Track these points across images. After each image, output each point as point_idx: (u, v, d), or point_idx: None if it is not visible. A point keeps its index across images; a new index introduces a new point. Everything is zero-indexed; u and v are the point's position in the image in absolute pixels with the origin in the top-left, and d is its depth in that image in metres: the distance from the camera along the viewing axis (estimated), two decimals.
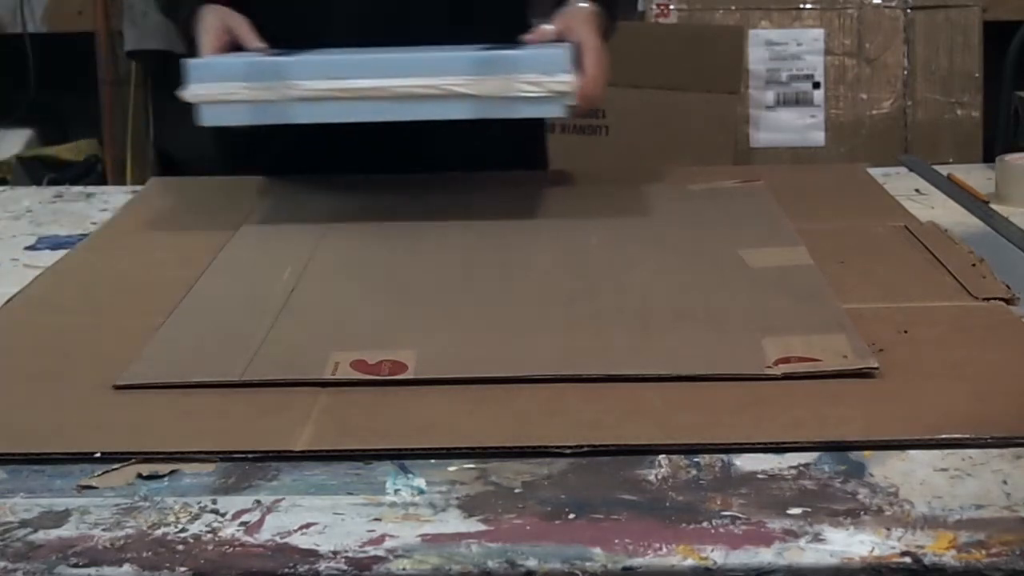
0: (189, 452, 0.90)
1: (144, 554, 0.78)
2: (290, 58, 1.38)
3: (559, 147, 1.90)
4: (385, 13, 1.59)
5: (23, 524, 0.82)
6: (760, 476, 0.85)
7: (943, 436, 0.89)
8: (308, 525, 0.81)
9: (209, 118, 1.38)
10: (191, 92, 1.37)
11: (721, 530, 0.79)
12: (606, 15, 1.54)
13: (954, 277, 1.21)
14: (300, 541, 0.79)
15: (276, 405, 0.97)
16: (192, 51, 1.51)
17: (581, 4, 1.52)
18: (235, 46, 1.50)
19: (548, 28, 1.48)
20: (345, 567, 0.76)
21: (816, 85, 2.87)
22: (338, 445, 0.90)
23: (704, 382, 0.98)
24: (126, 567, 0.77)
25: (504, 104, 1.36)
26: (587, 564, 0.76)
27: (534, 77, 1.35)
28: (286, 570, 0.76)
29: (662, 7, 3.01)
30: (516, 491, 0.84)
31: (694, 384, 0.98)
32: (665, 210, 1.48)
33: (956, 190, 1.60)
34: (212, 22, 1.50)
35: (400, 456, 0.89)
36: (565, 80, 1.35)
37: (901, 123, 2.87)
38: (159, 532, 0.80)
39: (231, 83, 1.37)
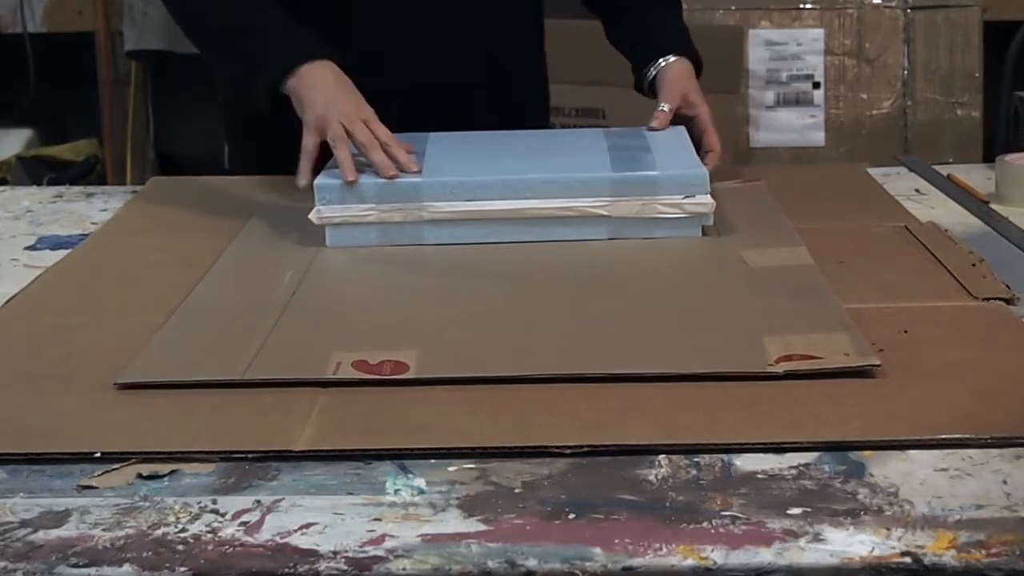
0: (189, 452, 0.90)
1: (144, 554, 0.78)
2: (422, 179, 1.35)
3: None
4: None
5: (23, 524, 0.82)
6: (760, 476, 0.85)
7: (943, 436, 0.89)
8: (308, 525, 0.81)
9: (336, 240, 1.35)
10: (319, 215, 1.35)
11: (721, 530, 0.79)
12: (694, 58, 1.60)
13: (954, 277, 1.21)
14: (300, 541, 0.79)
15: (276, 405, 0.97)
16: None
17: (672, 59, 1.58)
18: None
19: (666, 110, 1.52)
20: (345, 567, 0.76)
21: (816, 85, 2.86)
22: (338, 445, 0.90)
23: (704, 382, 0.98)
24: (126, 567, 0.77)
25: (641, 225, 1.35)
26: (587, 564, 0.76)
27: (673, 199, 1.34)
28: (286, 570, 0.76)
29: None
30: (516, 491, 0.84)
31: (694, 384, 0.98)
32: None
33: (956, 190, 1.60)
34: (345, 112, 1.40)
35: (400, 456, 0.89)
36: (704, 202, 1.34)
37: (901, 123, 2.86)
38: (159, 532, 0.80)
39: (361, 206, 1.35)
